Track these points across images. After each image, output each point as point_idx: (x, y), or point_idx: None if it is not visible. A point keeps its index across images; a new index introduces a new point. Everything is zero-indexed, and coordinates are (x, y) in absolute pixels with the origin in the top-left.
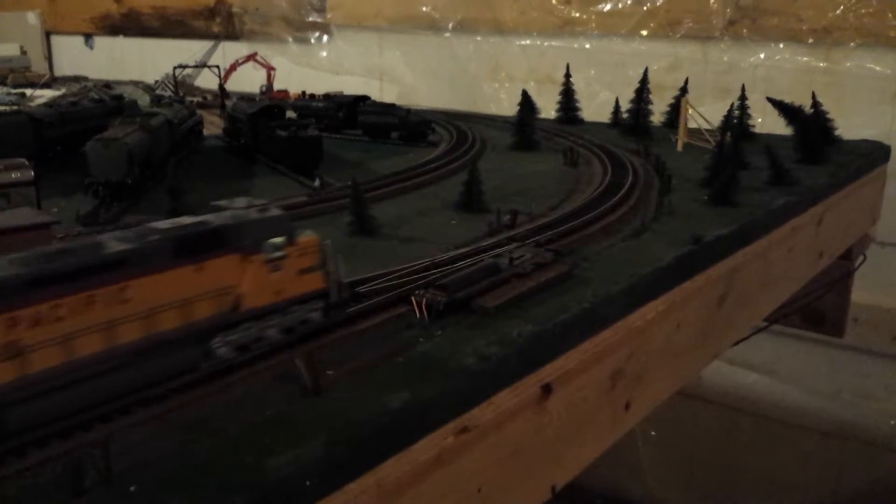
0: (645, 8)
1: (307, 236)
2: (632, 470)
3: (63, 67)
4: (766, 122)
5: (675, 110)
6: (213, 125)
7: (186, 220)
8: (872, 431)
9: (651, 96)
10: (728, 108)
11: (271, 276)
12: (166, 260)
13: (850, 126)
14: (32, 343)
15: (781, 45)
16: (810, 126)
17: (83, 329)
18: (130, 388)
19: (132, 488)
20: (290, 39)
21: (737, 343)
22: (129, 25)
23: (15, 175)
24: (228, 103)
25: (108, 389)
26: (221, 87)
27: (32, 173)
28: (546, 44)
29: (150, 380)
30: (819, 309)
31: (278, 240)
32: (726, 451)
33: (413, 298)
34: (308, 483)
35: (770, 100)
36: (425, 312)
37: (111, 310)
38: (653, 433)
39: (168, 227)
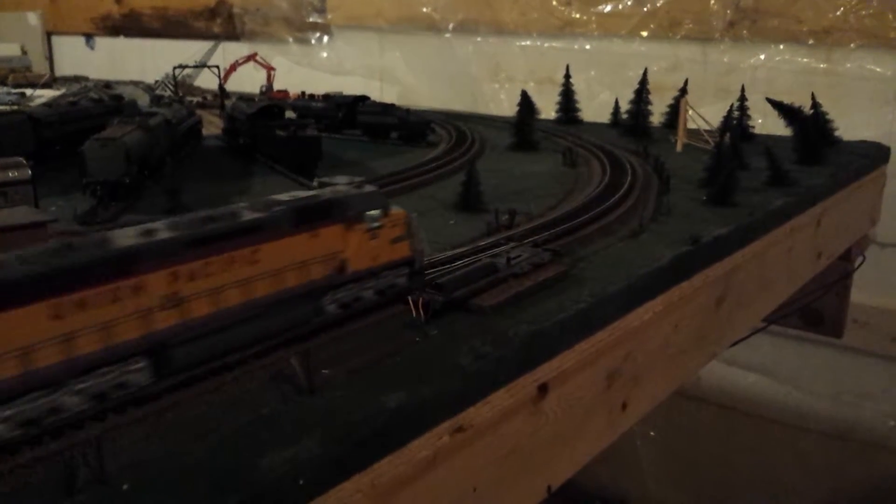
0: (645, 9)
1: (397, 210)
2: (631, 470)
3: (64, 68)
4: (767, 123)
5: (675, 111)
6: (213, 125)
7: (301, 194)
8: (872, 432)
9: (651, 97)
10: (728, 109)
11: (370, 244)
12: (289, 227)
13: (850, 127)
14: (189, 294)
15: (781, 47)
16: (809, 127)
17: (226, 284)
18: (262, 335)
19: (125, 487)
20: (291, 40)
21: (735, 343)
22: (130, 26)
23: (12, 174)
24: (228, 103)
25: (245, 336)
26: (221, 87)
27: (30, 172)
28: (546, 45)
29: (277, 330)
30: (818, 310)
31: (375, 212)
32: (725, 451)
33: (410, 298)
34: (302, 482)
35: (769, 100)
36: (422, 312)
37: (246, 269)
38: (652, 434)
39: (288, 199)
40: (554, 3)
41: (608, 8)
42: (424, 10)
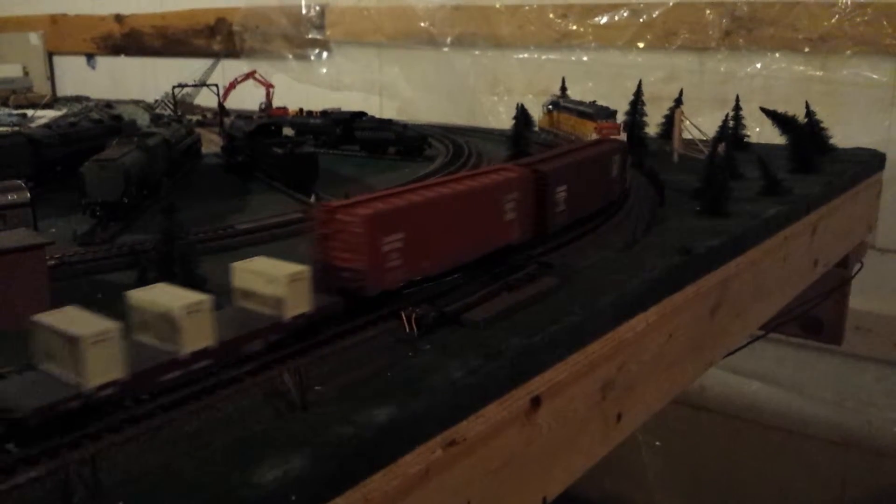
0: (641, 20)
1: None
2: (636, 480)
3: (66, 87)
4: (764, 131)
5: (670, 121)
6: (212, 143)
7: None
8: (876, 439)
9: (648, 107)
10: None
11: None
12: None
13: (846, 134)
14: None
15: (777, 55)
16: (804, 135)
17: None
18: None
19: None
20: (290, 56)
21: (733, 352)
22: (131, 45)
23: (11, 197)
24: (227, 121)
25: None
26: (220, 105)
27: (28, 195)
28: (544, 57)
29: None
30: (816, 317)
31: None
32: (730, 460)
33: (403, 313)
34: (294, 498)
35: (763, 110)
36: (415, 327)
37: None
38: (657, 443)
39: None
40: (551, 15)
41: (605, 20)
42: (422, 24)
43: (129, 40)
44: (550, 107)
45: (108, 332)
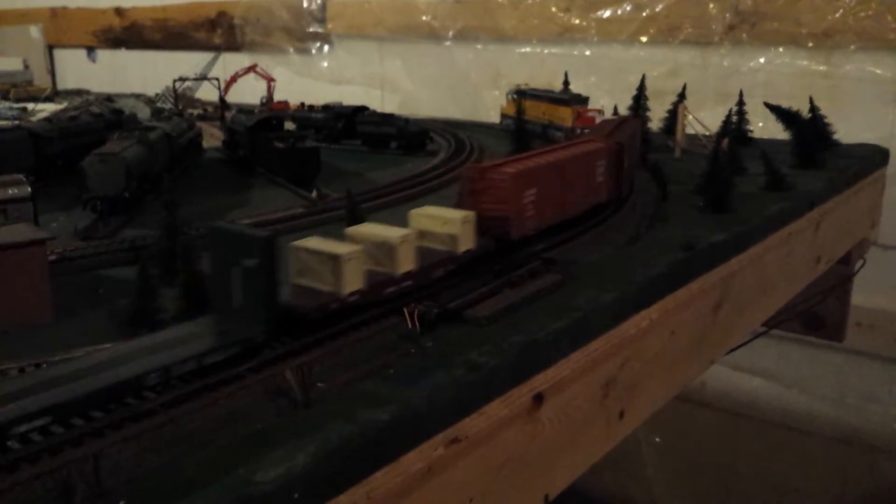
0: (644, 14)
1: None
2: (635, 476)
3: (66, 81)
4: (768, 126)
5: (673, 116)
6: (213, 137)
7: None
8: (877, 436)
9: (651, 102)
10: (727, 113)
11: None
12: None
13: (850, 129)
14: None
15: (781, 50)
16: (807, 131)
17: None
18: None
19: (122, 503)
20: (291, 50)
21: (734, 349)
22: (131, 38)
23: (12, 191)
24: (228, 115)
25: None
26: (222, 99)
27: (30, 189)
28: (546, 51)
29: None
30: (819, 314)
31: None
32: (730, 456)
33: (405, 309)
34: (297, 496)
35: (767, 105)
36: (417, 323)
37: None
38: (657, 440)
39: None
40: (553, 9)
41: (607, 13)
42: (424, 18)
43: (130, 33)
44: (515, 95)
45: (356, 252)
